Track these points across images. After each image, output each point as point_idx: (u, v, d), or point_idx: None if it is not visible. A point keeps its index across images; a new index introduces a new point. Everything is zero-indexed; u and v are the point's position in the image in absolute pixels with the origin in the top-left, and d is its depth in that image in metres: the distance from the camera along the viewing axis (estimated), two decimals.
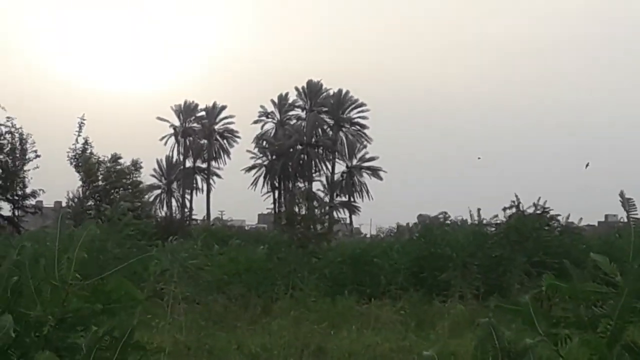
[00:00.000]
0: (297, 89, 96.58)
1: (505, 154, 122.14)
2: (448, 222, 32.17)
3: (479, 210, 29.79)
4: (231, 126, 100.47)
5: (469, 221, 30.74)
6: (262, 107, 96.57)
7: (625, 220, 4.81)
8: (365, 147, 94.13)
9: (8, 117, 47.99)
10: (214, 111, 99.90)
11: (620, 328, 4.42)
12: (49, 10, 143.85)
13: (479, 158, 68.42)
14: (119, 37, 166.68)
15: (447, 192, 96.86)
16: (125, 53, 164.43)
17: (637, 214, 4.77)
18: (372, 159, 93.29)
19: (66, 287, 4.69)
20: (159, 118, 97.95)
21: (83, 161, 43.23)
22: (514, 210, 29.50)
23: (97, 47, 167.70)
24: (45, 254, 4.82)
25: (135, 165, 47.00)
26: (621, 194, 4.78)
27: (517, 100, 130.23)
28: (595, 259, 4.87)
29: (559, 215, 30.00)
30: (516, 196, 29.45)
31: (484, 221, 29.83)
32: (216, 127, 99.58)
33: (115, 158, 45.45)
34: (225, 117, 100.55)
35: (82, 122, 43.43)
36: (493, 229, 29.86)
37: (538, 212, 29.25)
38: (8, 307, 4.74)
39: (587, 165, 48.33)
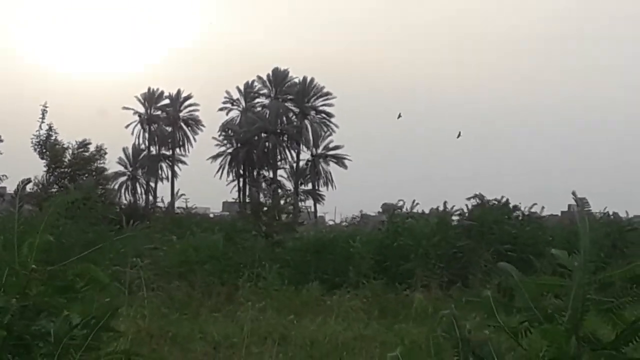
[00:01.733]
0: (261, 77, 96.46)
1: (472, 142, 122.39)
2: (414, 211, 32.34)
3: (445, 202, 30.02)
4: (196, 114, 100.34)
5: (431, 212, 30.99)
6: (227, 93, 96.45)
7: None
8: (330, 135, 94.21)
9: None
10: (178, 99, 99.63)
11: (576, 318, 4.49)
12: None
13: (458, 135, 68.73)
14: (84, 24, 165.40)
15: (413, 181, 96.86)
16: (91, 39, 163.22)
17: (590, 210, 4.87)
18: (337, 147, 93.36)
19: (28, 273, 4.63)
20: (124, 107, 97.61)
21: (49, 147, 42.90)
22: (477, 201, 29.79)
23: (63, 33, 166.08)
24: (4, 238, 4.74)
25: (100, 151, 46.65)
26: (574, 194, 4.87)
27: (486, 84, 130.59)
28: (555, 254, 4.96)
29: (520, 204, 30.32)
30: (479, 194, 29.80)
31: (448, 211, 30.03)
32: (181, 114, 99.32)
33: (83, 144, 45.11)
34: (190, 105, 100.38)
35: (44, 109, 43.13)
36: (457, 219, 30.07)
37: (501, 204, 29.53)
38: None
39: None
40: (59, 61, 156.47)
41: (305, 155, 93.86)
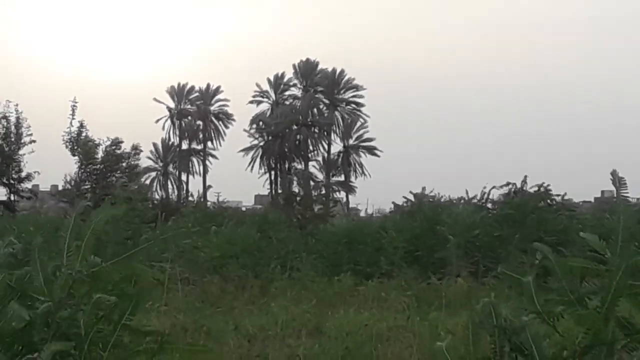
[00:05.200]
0: (293, 67, 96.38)
1: (504, 131, 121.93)
2: (449, 199, 32.22)
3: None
4: (226, 107, 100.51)
5: (466, 199, 30.90)
6: (258, 85, 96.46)
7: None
8: (362, 125, 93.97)
9: (8, 101, 48.20)
10: (208, 93, 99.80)
11: (613, 304, 4.48)
12: None
13: None
14: (113, 19, 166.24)
15: (446, 171, 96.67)
16: (119, 37, 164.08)
17: (627, 193, 4.81)
18: (369, 139, 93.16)
19: (74, 275, 4.67)
20: (155, 99, 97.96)
21: (81, 144, 43.16)
22: (513, 188, 29.60)
23: (91, 31, 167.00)
24: (54, 242, 4.81)
25: (136, 150, 46.96)
26: (613, 173, 4.82)
27: (514, 76, 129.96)
28: (586, 238, 4.95)
29: (557, 195, 30.08)
30: (525, 177, 29.60)
31: (484, 199, 29.97)
32: (211, 108, 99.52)
33: (116, 142, 45.35)
34: (221, 99, 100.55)
35: (74, 105, 43.55)
36: (493, 207, 30.00)
37: (540, 191, 29.32)
38: (18, 295, 4.73)
39: None
40: (89, 56, 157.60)
41: (337, 147, 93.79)
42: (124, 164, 45.57)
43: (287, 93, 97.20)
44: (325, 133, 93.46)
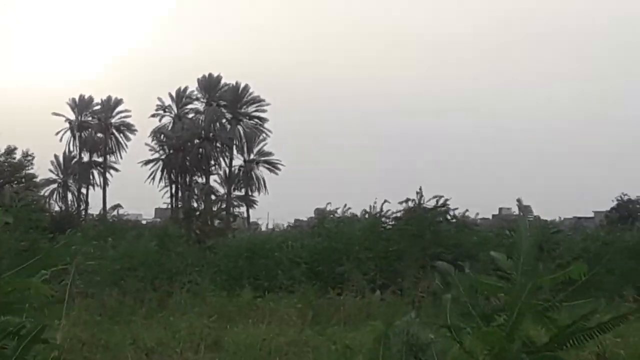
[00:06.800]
0: (197, 81, 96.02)
1: (407, 144, 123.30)
2: (346, 215, 32.43)
3: (375, 202, 30.19)
4: (128, 120, 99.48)
5: (366, 215, 31.12)
6: (159, 99, 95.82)
7: (516, 213, 5.08)
8: (263, 140, 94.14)
9: None
10: (109, 104, 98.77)
11: (518, 322, 4.58)
12: None
13: None
14: (11, 27, 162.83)
15: (347, 186, 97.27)
16: (19, 46, 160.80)
17: (531, 217, 5.02)
18: (269, 153, 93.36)
19: None
20: (54, 113, 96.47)
21: None
22: (411, 204, 29.89)
23: None
24: None
25: (27, 157, 46.13)
26: (519, 201, 5.02)
27: (421, 85, 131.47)
28: (494, 256, 5.08)
29: (456, 208, 30.54)
30: (420, 189, 29.87)
31: (382, 214, 30.21)
32: (112, 120, 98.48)
33: (9, 151, 44.57)
34: (122, 111, 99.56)
35: None
36: (391, 222, 30.26)
37: (438, 206, 29.67)
38: None
39: None
40: None
41: (239, 160, 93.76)
42: (19, 174, 44.81)
43: (189, 107, 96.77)
44: (227, 147, 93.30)
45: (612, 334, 11.61)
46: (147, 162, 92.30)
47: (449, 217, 29.95)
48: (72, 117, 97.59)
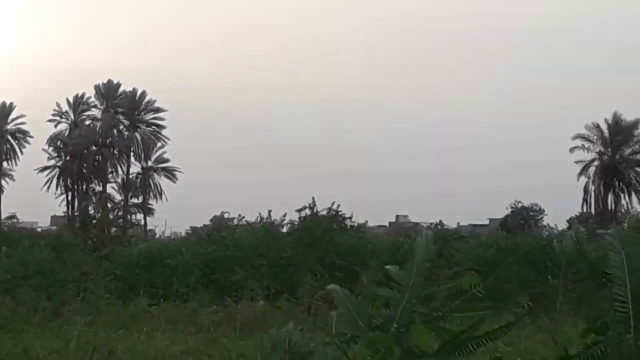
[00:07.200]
0: (95, 87, 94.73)
1: (303, 152, 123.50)
2: (242, 222, 32.56)
3: (269, 211, 30.43)
4: (23, 126, 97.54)
5: (260, 222, 31.30)
6: (57, 104, 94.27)
7: (413, 221, 5.37)
8: (162, 147, 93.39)
9: None
10: (3, 111, 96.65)
11: (403, 329, 4.82)
12: None
13: None
14: None
15: (245, 196, 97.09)
16: None
17: (430, 237, 5.32)
18: (166, 160, 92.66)
19: None
20: None
21: None
22: (308, 212, 30.17)
23: None
24: None
25: None
26: (421, 228, 5.36)
27: (309, 93, 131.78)
28: (389, 270, 5.34)
29: (350, 217, 30.92)
30: (313, 199, 30.19)
31: (275, 222, 30.46)
32: (7, 127, 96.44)
33: None
34: (17, 117, 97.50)
35: None
36: (285, 230, 30.52)
37: (332, 214, 30.00)
38: None
39: None
40: None
41: (136, 168, 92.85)
42: None
43: (87, 113, 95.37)
44: (125, 155, 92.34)
45: (503, 342, 11.82)
46: (43, 169, 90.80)
47: (343, 226, 30.33)
48: None
